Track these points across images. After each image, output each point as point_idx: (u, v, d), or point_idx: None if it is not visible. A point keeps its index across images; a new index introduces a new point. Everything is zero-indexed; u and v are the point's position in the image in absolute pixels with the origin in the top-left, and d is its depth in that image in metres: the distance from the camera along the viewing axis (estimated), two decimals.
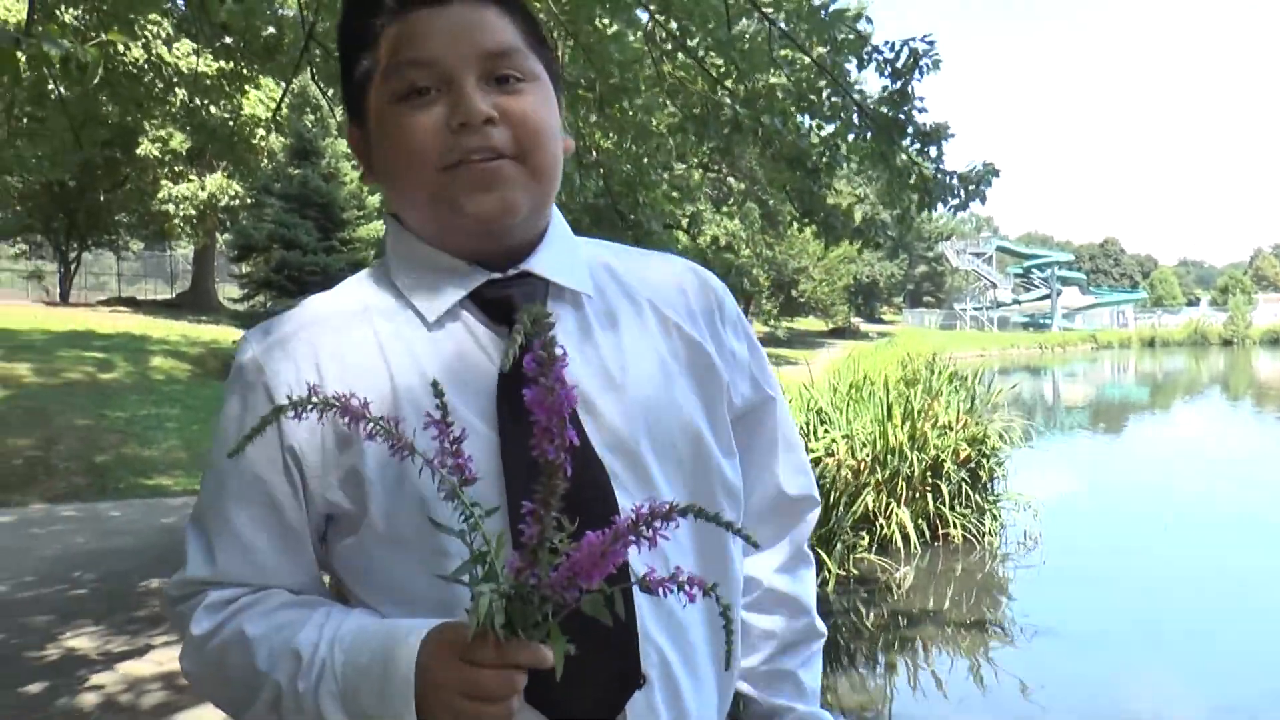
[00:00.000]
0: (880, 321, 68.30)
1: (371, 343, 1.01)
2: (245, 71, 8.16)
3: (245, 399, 1.02)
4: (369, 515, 0.97)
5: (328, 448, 0.98)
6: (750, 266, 40.33)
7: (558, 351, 0.75)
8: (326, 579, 1.10)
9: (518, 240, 1.05)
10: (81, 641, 5.10)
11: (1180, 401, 25.95)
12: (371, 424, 0.80)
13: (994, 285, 77.69)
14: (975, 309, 76.03)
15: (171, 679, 4.48)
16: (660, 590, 0.76)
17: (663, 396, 1.05)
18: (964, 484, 8.14)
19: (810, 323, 55.11)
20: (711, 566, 1.05)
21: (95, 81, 3.42)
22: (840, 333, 53.63)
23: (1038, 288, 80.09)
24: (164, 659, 4.77)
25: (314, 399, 0.80)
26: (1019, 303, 79.37)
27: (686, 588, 0.75)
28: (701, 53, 5.29)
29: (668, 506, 0.74)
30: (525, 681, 0.83)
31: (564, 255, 1.08)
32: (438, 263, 1.04)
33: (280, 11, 7.57)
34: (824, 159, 5.19)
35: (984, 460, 8.47)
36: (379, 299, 1.06)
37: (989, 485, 8.61)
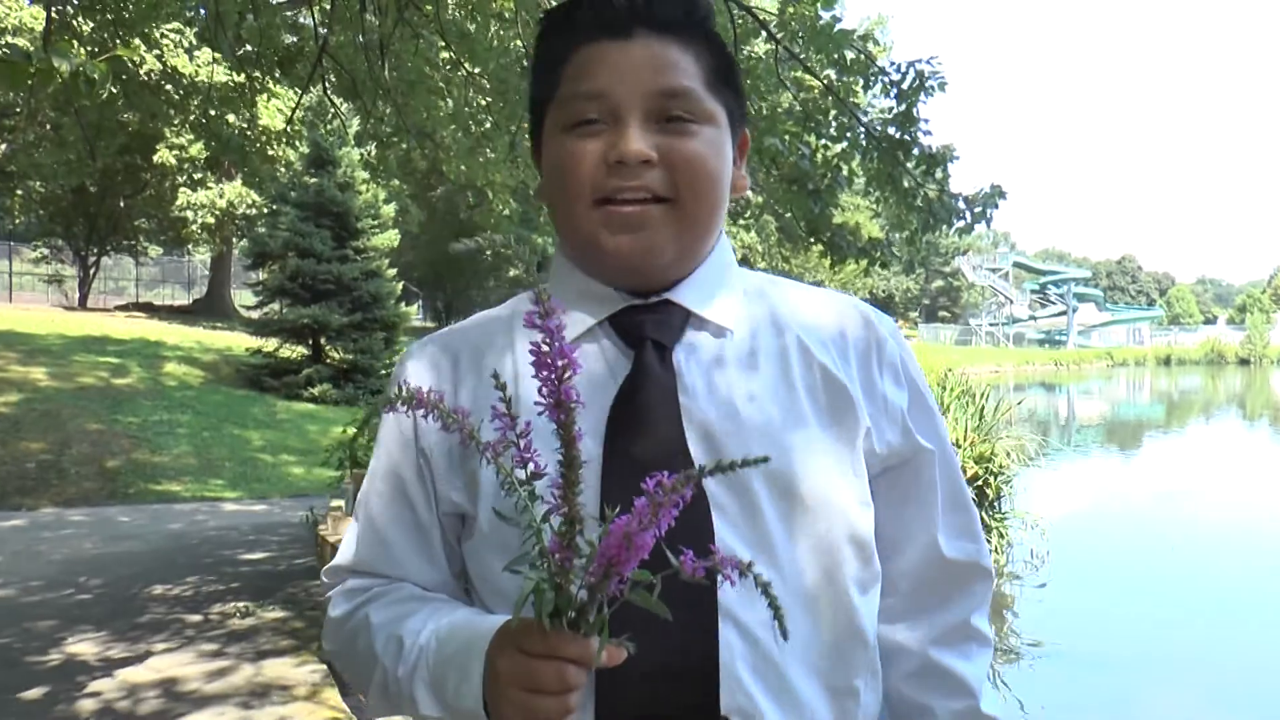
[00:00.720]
0: None
1: (508, 354, 1.06)
2: (262, 81, 8.22)
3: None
4: (479, 519, 1.02)
5: (453, 451, 1.04)
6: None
7: (554, 305, 0.75)
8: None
9: (663, 280, 1.05)
10: (83, 647, 5.13)
11: (1195, 421, 25.77)
12: (439, 413, 0.81)
13: (1010, 301, 77.30)
14: (991, 324, 75.67)
15: (169, 686, 4.50)
16: (695, 572, 0.74)
17: (787, 432, 1.02)
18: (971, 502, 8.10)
19: None
20: (834, 610, 1.01)
21: (105, 95, 3.46)
22: None
23: (1054, 304, 79.68)
24: (163, 666, 4.79)
25: (400, 396, 0.81)
26: (1035, 319, 78.97)
27: (723, 568, 0.73)
28: None
29: (681, 474, 0.71)
30: (582, 679, 0.83)
31: (714, 287, 1.08)
32: (586, 287, 1.06)
33: (300, 19, 7.62)
34: (826, 180, 5.19)
35: (991, 479, 8.43)
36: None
37: (996, 503, 8.57)
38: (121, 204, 26.85)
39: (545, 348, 0.74)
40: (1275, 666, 6.02)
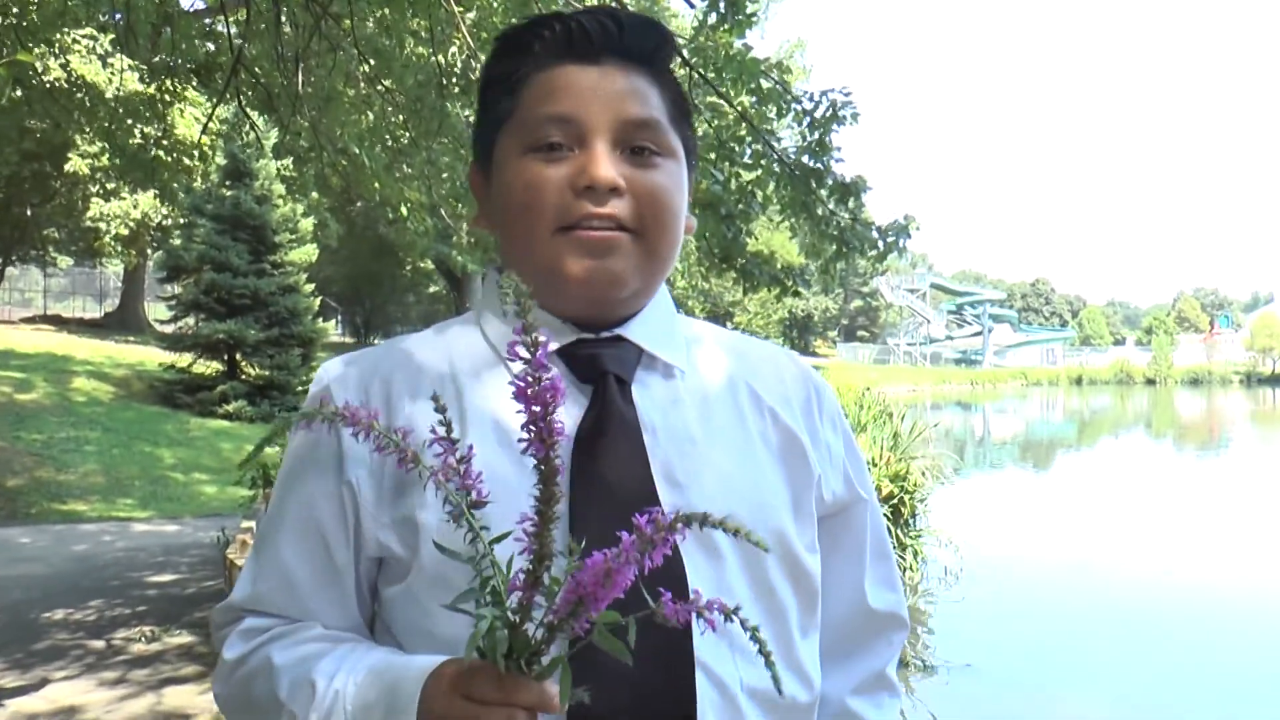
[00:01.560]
0: (815, 355, 68.88)
1: (450, 388, 0.98)
2: (177, 91, 8.06)
3: (315, 429, 0.99)
4: (420, 560, 0.92)
5: (385, 488, 0.95)
6: (686, 298, 40.61)
7: (541, 338, 0.70)
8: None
9: (618, 313, 1.02)
10: None
11: (1105, 439, 26.52)
12: (378, 435, 0.76)
13: (927, 321, 78.81)
14: (909, 344, 77.02)
15: (66, 716, 4.35)
16: (677, 617, 0.70)
17: (748, 479, 1.00)
18: (886, 520, 8.21)
19: None
20: (782, 654, 0.99)
21: (3, 101, 3.36)
22: None
23: (970, 324, 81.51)
24: (60, 694, 4.63)
25: (325, 412, 0.76)
26: (952, 339, 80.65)
27: (706, 613, 0.69)
28: None
29: (674, 516, 0.67)
30: None
31: (662, 327, 1.06)
32: (534, 316, 1.01)
33: (217, 28, 7.49)
34: (739, 206, 5.24)
35: (906, 497, 8.56)
36: (466, 346, 1.04)
37: (911, 521, 8.70)
38: (29, 212, 26.05)
39: (531, 379, 0.70)
40: (1180, 677, 6.19)
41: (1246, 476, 17.47)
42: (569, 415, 0.96)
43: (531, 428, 0.70)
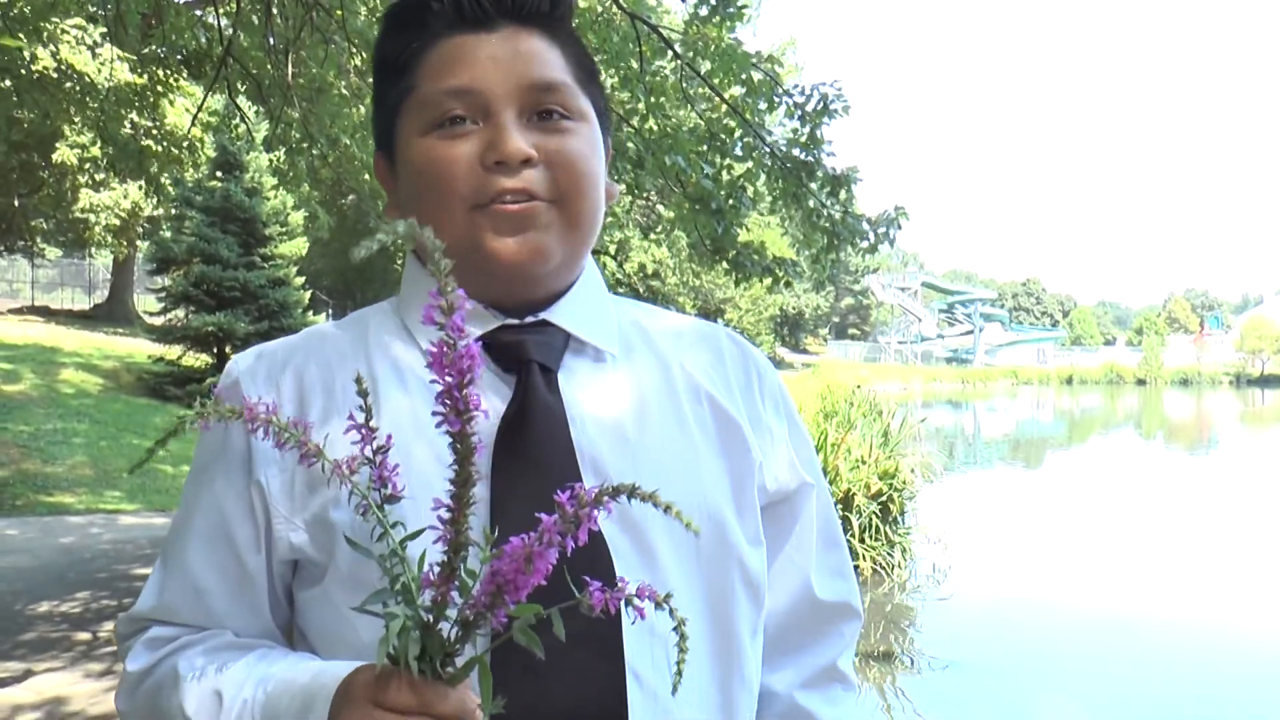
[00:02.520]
0: (805, 353, 69.05)
1: (364, 378, 0.90)
2: (169, 81, 8.03)
3: (223, 427, 0.92)
4: (335, 561, 0.88)
5: (297, 488, 0.90)
6: (676, 294, 40.60)
7: (459, 298, 0.63)
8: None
9: (545, 291, 0.97)
10: None
11: (1095, 438, 26.60)
12: (277, 430, 0.70)
13: (919, 320, 79.05)
14: (900, 342, 77.28)
15: (52, 707, 4.33)
16: (607, 607, 0.65)
17: (683, 469, 0.95)
18: (874, 517, 8.24)
19: None
20: (725, 656, 0.95)
21: None
22: None
23: (961, 323, 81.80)
24: (44, 687, 4.61)
25: (218, 409, 0.68)
26: (943, 337, 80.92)
27: (635, 601, 0.65)
28: (610, 89, 5.36)
29: (596, 491, 0.63)
30: None
31: (590, 308, 1.00)
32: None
33: (208, 18, 7.46)
34: (729, 200, 5.24)
35: (895, 494, 8.57)
36: (383, 335, 0.98)
37: (899, 519, 8.72)
38: (16, 203, 25.91)
39: (447, 348, 0.63)
40: (1163, 676, 6.21)
41: (1234, 476, 17.52)
42: (490, 408, 0.90)
43: (446, 400, 0.64)
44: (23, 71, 7.62)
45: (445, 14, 0.95)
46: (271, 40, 6.47)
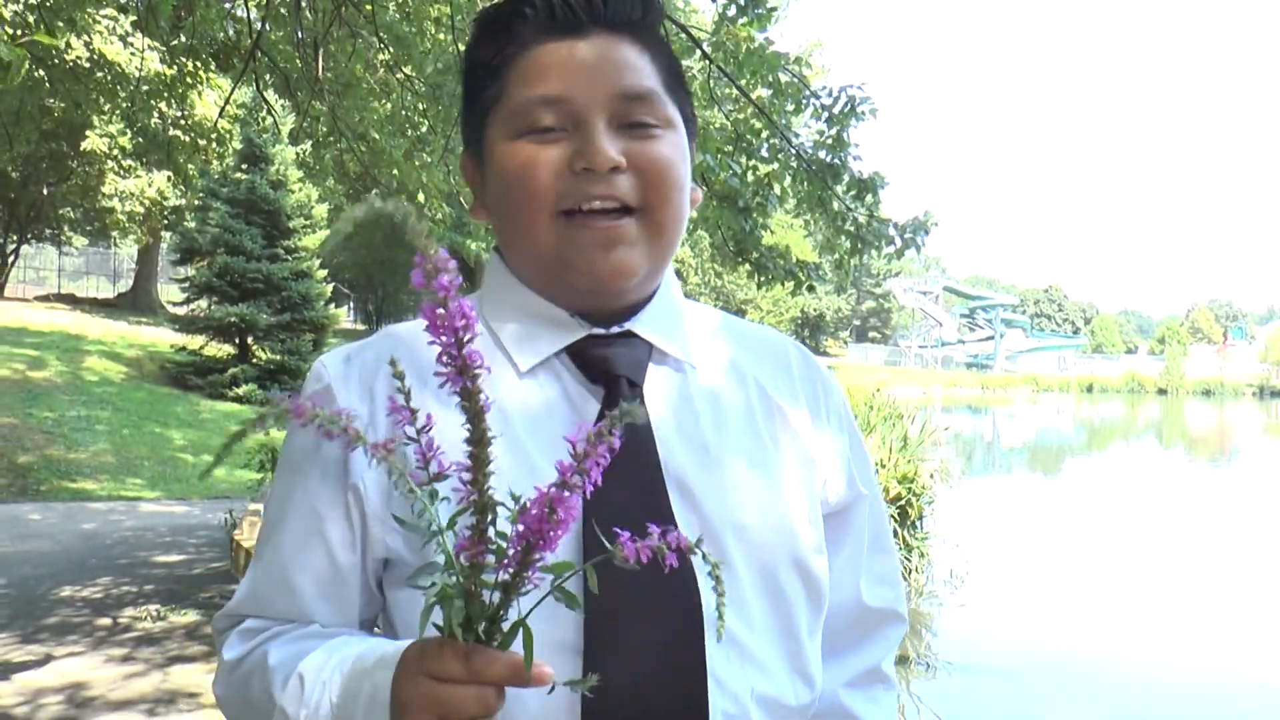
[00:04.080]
0: (826, 355, 68.81)
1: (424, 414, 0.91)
2: (198, 72, 8.07)
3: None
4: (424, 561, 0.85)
5: (393, 490, 0.88)
6: (698, 294, 40.60)
7: (443, 260, 0.62)
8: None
9: (630, 300, 0.98)
10: None
11: (1114, 447, 26.44)
12: (322, 424, 0.66)
13: (939, 324, 78.70)
14: (920, 347, 76.96)
15: (73, 691, 4.38)
16: (638, 556, 0.65)
17: (758, 483, 0.97)
18: (892, 521, 8.22)
19: None
20: (793, 658, 0.97)
21: (21, 80, 3.37)
22: None
23: (982, 329, 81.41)
24: (67, 670, 4.66)
25: (272, 409, 0.63)
26: (963, 343, 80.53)
27: (668, 549, 0.65)
28: None
29: (601, 425, 0.63)
30: (501, 701, 0.72)
31: (672, 319, 1.01)
32: (539, 310, 0.97)
33: (238, 12, 7.51)
34: (756, 199, 5.23)
35: (914, 499, 8.55)
36: None
37: (917, 523, 8.69)
38: (45, 191, 26.14)
39: (440, 309, 0.63)
40: (1180, 686, 6.18)
41: (1255, 488, 17.38)
42: (580, 420, 0.93)
43: (445, 358, 0.64)
44: (55, 62, 7.68)
45: (537, 19, 0.95)
46: (300, 34, 6.51)
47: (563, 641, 0.85)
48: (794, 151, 5.30)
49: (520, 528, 0.64)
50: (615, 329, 0.97)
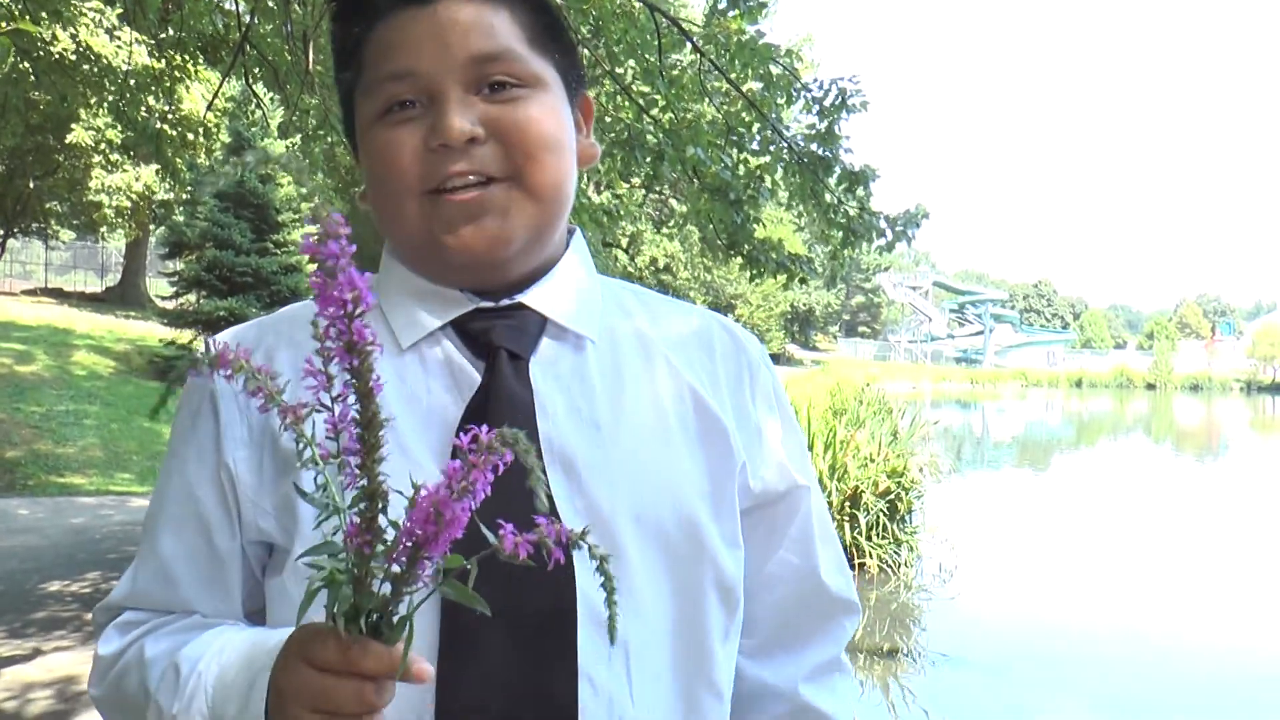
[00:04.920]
0: (815, 350, 69.02)
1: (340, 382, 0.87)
2: (186, 66, 8.04)
3: (194, 409, 0.92)
4: (293, 549, 0.85)
5: (266, 471, 0.88)
6: (688, 289, 40.58)
7: (335, 223, 0.57)
8: None
9: (516, 273, 0.92)
10: None
11: (1103, 442, 26.57)
12: (246, 375, 0.63)
13: (929, 319, 79.00)
14: (910, 341, 77.23)
15: (62, 686, 4.36)
16: (521, 551, 0.60)
17: (659, 466, 0.91)
18: (881, 515, 8.24)
19: None
20: (691, 661, 0.91)
21: (3, 71, 3.35)
22: (775, 359, 54.10)
23: (971, 324, 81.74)
24: (55, 665, 4.64)
25: (196, 356, 0.63)
26: (953, 337, 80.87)
27: (548, 542, 0.60)
28: (630, 80, 5.34)
29: (496, 435, 0.58)
30: (386, 698, 0.68)
31: (572, 290, 0.95)
32: (424, 289, 0.92)
33: (226, 4, 7.48)
34: (749, 191, 5.24)
35: (903, 493, 8.58)
36: None
37: (906, 517, 8.72)
38: (31, 185, 26.01)
39: (327, 277, 0.57)
40: (1165, 679, 6.22)
41: (1243, 483, 17.48)
42: (461, 397, 0.88)
43: (332, 330, 0.59)
44: (40, 54, 7.64)
45: None
46: (290, 28, 6.48)
47: (417, 636, 0.77)
48: (785, 144, 5.31)
49: (408, 524, 0.60)
50: (505, 301, 0.92)
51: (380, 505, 0.61)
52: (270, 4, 6.34)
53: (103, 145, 21.71)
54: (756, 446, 0.98)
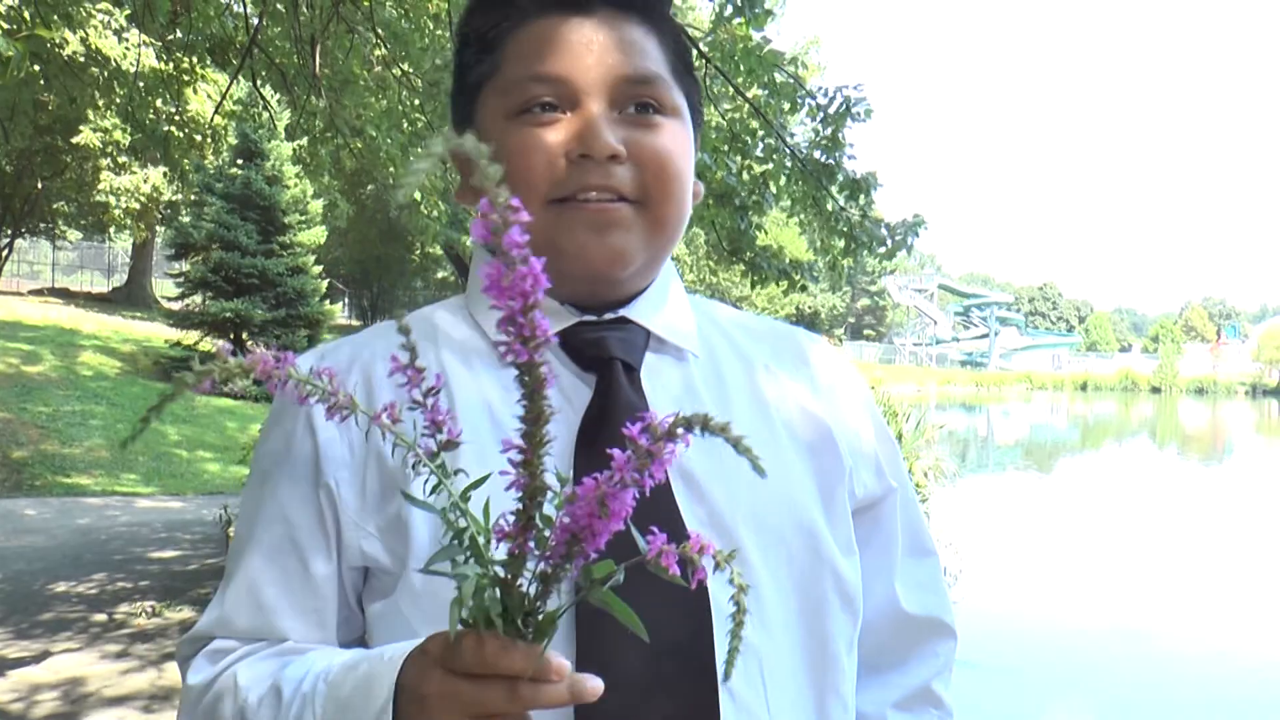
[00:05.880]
0: None
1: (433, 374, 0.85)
2: (193, 68, 8.07)
3: (287, 430, 0.90)
4: (407, 571, 0.82)
5: (370, 491, 0.85)
6: (693, 291, 40.52)
7: (514, 210, 0.54)
8: None
9: (626, 292, 0.92)
10: None
11: (1108, 445, 26.54)
12: (298, 384, 0.59)
13: (934, 322, 78.87)
14: (915, 344, 77.11)
15: (69, 687, 4.38)
16: (667, 563, 0.58)
17: (773, 473, 0.82)
18: None
19: None
20: (819, 671, 0.89)
21: (21, 75, 3.37)
22: None
23: (976, 326, 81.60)
24: (62, 666, 4.66)
25: (223, 367, 0.56)
26: (958, 340, 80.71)
27: (695, 558, 0.59)
28: None
29: (672, 420, 0.56)
30: (539, 699, 0.62)
31: (671, 305, 0.96)
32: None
33: (234, 6, 7.51)
34: (753, 197, 5.25)
35: None
36: (452, 330, 0.93)
37: None
38: (39, 185, 26.07)
39: (506, 266, 0.54)
40: (1175, 679, 6.23)
41: (1248, 486, 17.46)
42: (572, 408, 0.87)
43: (509, 328, 0.55)
44: (50, 57, 7.66)
45: None
46: (297, 31, 6.50)
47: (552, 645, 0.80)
48: (789, 151, 5.32)
49: (567, 519, 0.58)
50: (609, 315, 0.91)
51: (540, 503, 0.59)
52: (279, 7, 6.36)
53: (110, 147, 21.76)
54: (858, 451, 0.98)
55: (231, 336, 17.92)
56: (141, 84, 7.88)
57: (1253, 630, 7.41)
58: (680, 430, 0.56)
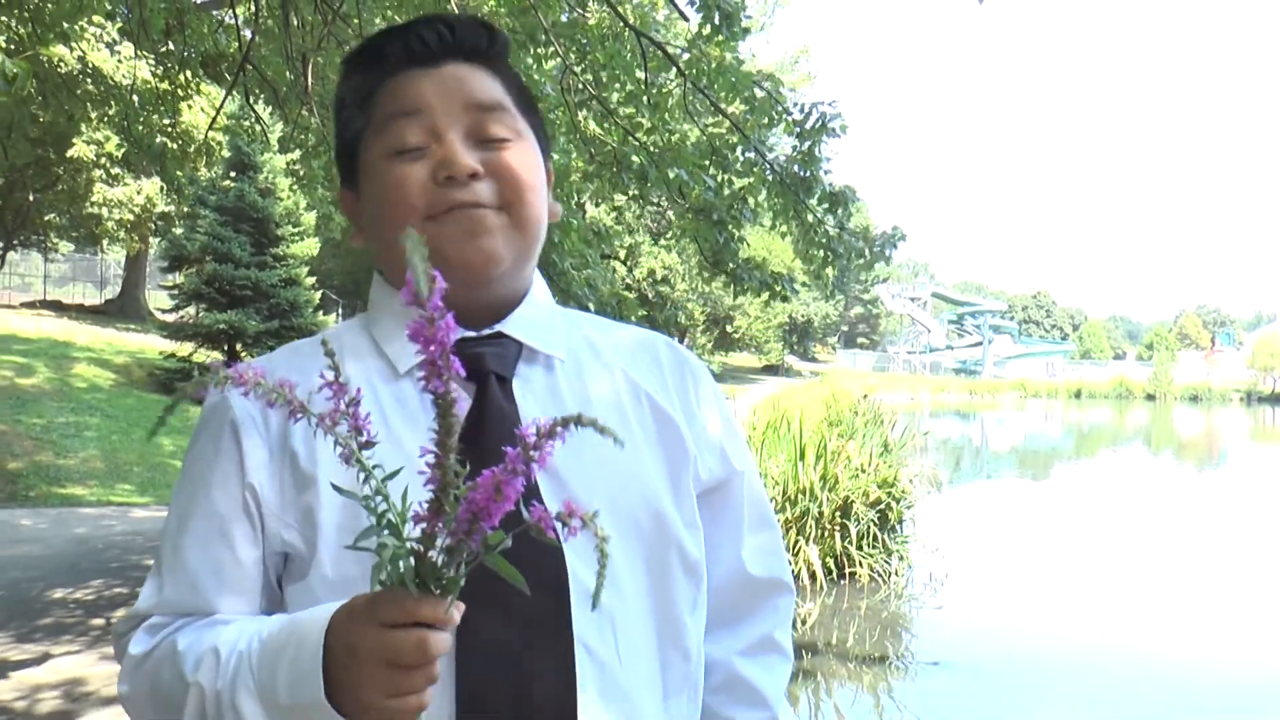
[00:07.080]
0: (814, 361, 69.02)
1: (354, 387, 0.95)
2: (188, 83, 8.16)
3: (214, 438, 1.02)
4: (318, 556, 0.96)
5: (286, 487, 0.99)
6: (686, 300, 40.63)
7: (438, 284, 0.70)
8: None
9: (499, 296, 1.06)
10: None
11: (1102, 453, 26.56)
12: (265, 391, 0.74)
13: (928, 330, 78.99)
14: (909, 352, 77.21)
15: (70, 687, 4.47)
16: (546, 526, 0.73)
17: (627, 463, 1.05)
18: (872, 525, 8.33)
19: (744, 359, 55.61)
20: (665, 630, 1.06)
21: (25, 94, 3.48)
22: (773, 370, 54.32)
23: (970, 335, 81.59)
24: (63, 667, 4.75)
25: (214, 376, 0.73)
26: (952, 348, 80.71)
27: (570, 520, 0.73)
28: (615, 103, 5.46)
29: (553, 422, 0.72)
30: (444, 646, 0.78)
31: (541, 318, 1.10)
32: (415, 315, 1.01)
33: (226, 19, 7.60)
34: (732, 211, 5.37)
35: (894, 503, 8.66)
36: (353, 346, 1.07)
37: (897, 527, 8.81)
38: (31, 198, 26.09)
39: (427, 324, 0.72)
40: (1161, 686, 6.28)
41: (1242, 493, 17.52)
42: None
43: (428, 365, 0.72)
44: (47, 74, 7.75)
45: (397, 55, 1.06)
46: (289, 49, 6.61)
47: None
48: (768, 165, 5.44)
49: (468, 501, 0.72)
50: (486, 331, 1.06)
51: (450, 495, 0.73)
52: (269, 23, 6.47)
53: (104, 160, 21.82)
54: (703, 441, 1.14)
55: (225, 348, 18.00)
56: (136, 98, 7.98)
57: (1242, 636, 7.45)
58: (559, 429, 0.72)
